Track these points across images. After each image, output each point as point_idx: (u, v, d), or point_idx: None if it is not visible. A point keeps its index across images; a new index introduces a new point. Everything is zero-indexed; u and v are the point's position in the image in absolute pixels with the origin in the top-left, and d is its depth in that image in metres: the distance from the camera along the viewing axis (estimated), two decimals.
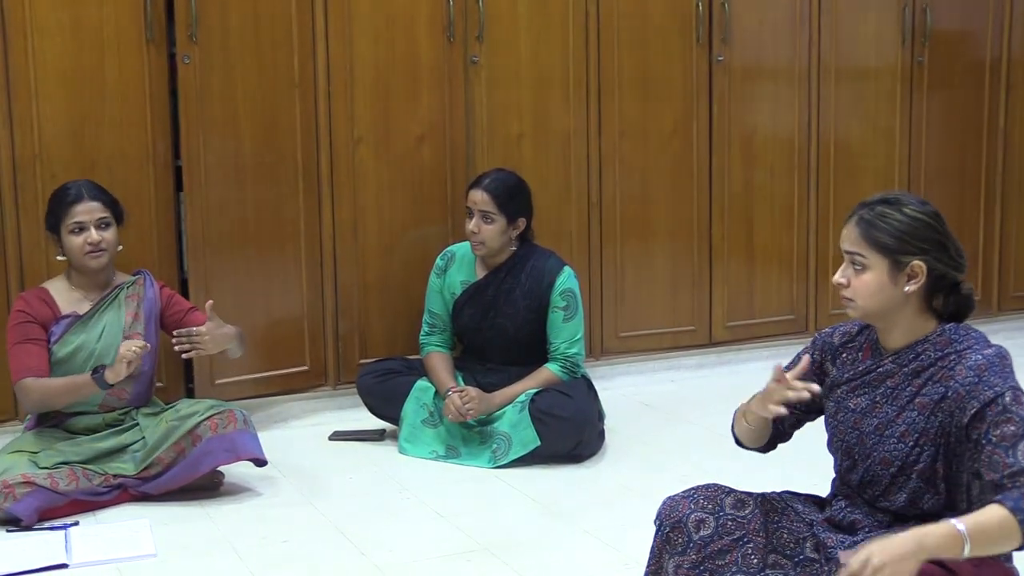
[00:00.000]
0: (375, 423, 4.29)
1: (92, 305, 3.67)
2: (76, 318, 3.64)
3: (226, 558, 3.23)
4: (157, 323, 3.77)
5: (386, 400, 4.16)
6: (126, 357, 3.48)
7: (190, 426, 3.56)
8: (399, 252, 4.58)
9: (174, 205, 4.24)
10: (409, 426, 4.09)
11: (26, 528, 3.37)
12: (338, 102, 4.42)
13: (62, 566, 3.14)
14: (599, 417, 4.12)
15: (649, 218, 4.99)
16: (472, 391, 4.00)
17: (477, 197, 4.08)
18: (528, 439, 3.91)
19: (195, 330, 3.60)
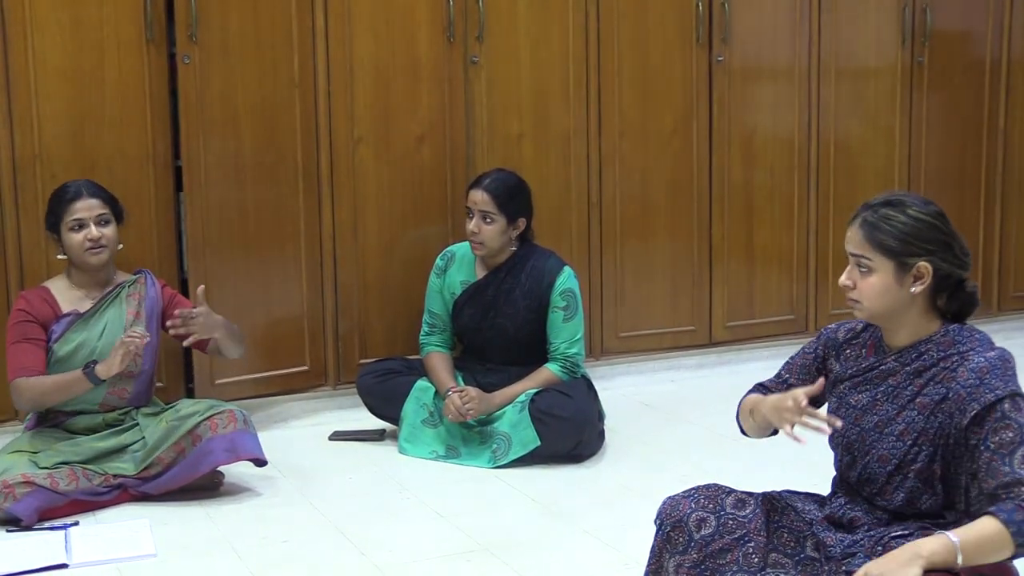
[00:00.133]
0: (375, 423, 4.29)
1: (93, 303, 3.67)
2: (77, 316, 3.64)
3: (226, 558, 3.23)
4: (159, 322, 3.77)
5: (386, 400, 4.16)
6: (126, 345, 3.46)
7: (190, 426, 3.56)
8: (399, 252, 4.58)
9: (174, 205, 4.24)
10: (409, 426, 4.09)
11: (26, 528, 3.37)
12: (338, 102, 4.42)
13: (62, 566, 3.14)
14: (599, 417, 4.12)
15: (649, 218, 4.99)
16: (472, 391, 4.00)
17: (477, 197, 4.08)
18: (528, 439, 3.91)
19: (193, 311, 3.62)
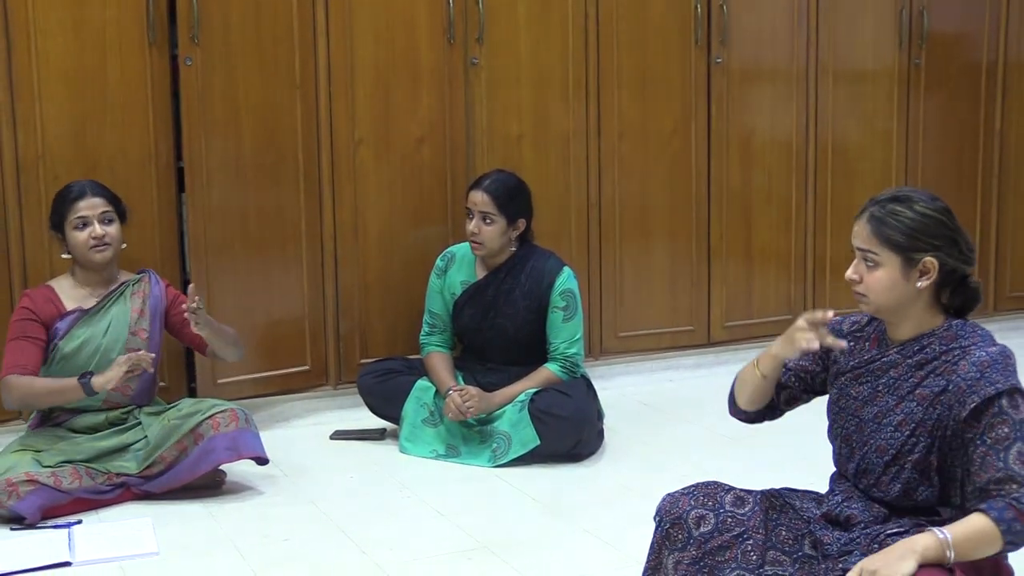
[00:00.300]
0: (376, 422, 4.31)
1: (98, 300, 3.68)
2: (82, 312, 3.65)
3: (228, 556, 3.25)
4: (162, 320, 3.79)
5: (387, 400, 4.18)
6: (130, 362, 3.48)
7: (192, 425, 3.57)
8: (399, 252, 4.59)
9: (176, 206, 4.26)
10: (410, 425, 4.11)
11: (30, 526, 3.39)
12: (339, 104, 4.43)
13: (65, 564, 3.16)
14: (598, 416, 4.13)
15: (648, 218, 5.00)
16: (472, 390, 4.01)
17: (477, 198, 4.09)
18: (528, 438, 3.93)
19: (198, 306, 3.62)
